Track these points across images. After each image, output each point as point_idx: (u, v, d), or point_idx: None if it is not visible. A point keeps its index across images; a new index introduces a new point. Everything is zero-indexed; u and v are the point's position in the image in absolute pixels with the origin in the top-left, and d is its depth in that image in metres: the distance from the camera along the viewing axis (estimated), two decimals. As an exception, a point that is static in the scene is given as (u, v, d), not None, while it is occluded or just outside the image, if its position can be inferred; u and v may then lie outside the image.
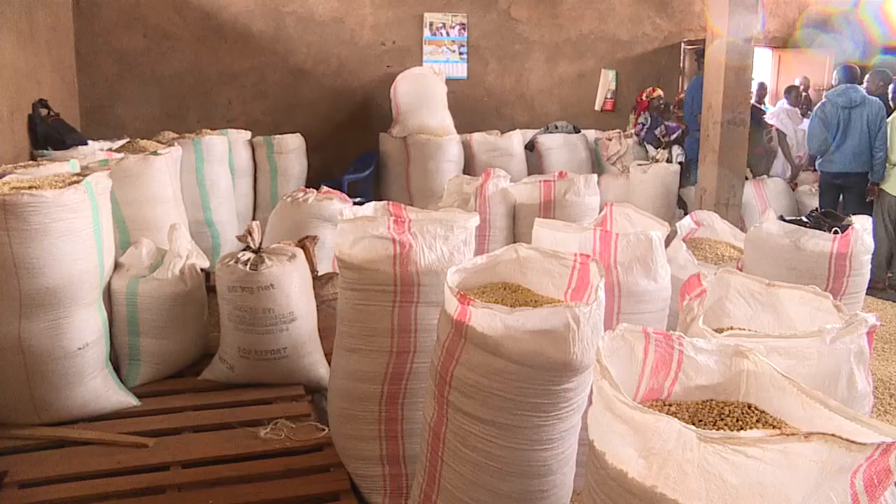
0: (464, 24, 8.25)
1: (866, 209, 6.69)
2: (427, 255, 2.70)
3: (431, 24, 8.16)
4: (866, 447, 1.18)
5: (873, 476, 1.23)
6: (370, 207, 3.13)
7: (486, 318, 2.04)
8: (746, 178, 7.27)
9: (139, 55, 7.48)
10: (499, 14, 8.40)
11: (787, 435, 1.18)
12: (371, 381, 2.82)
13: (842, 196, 6.89)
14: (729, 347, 1.65)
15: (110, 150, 5.29)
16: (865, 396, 1.91)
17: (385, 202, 3.19)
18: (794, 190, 7.77)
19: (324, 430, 3.27)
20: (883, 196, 6.69)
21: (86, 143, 5.70)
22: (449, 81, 7.83)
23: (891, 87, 7.23)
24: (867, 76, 7.80)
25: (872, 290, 6.37)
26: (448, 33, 8.21)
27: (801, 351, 1.82)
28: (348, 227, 2.76)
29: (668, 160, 7.74)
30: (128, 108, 7.46)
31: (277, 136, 7.00)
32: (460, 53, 8.27)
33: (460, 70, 8.29)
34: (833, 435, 1.18)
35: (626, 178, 7.47)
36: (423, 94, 7.49)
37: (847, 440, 1.17)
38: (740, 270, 3.61)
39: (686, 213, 5.78)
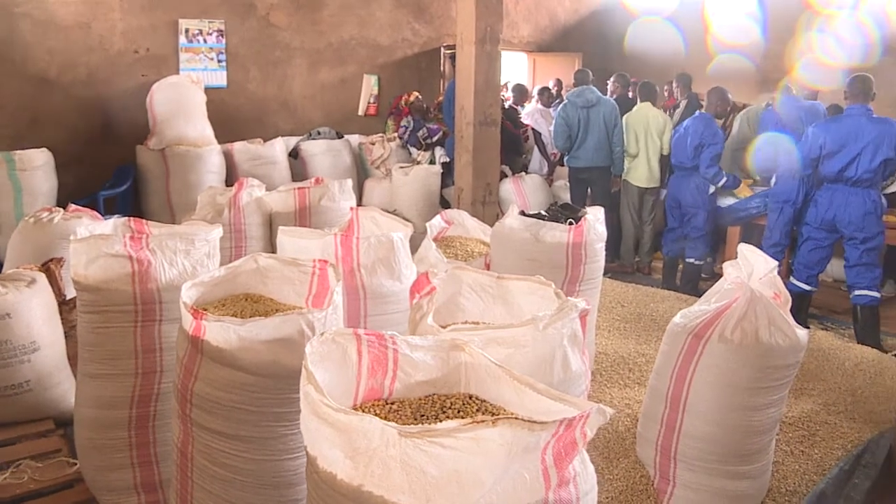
0: (221, 31, 8.03)
1: (612, 200, 7.26)
2: (168, 271, 2.64)
3: (187, 31, 7.87)
4: (548, 425, 1.28)
5: (561, 449, 1.33)
6: (108, 224, 3.01)
7: (220, 332, 2.02)
8: (505, 176, 7.65)
9: None
10: (258, 20, 8.26)
11: (477, 422, 1.25)
12: (118, 407, 2.71)
13: (590, 189, 7.40)
14: (445, 342, 1.72)
15: None
16: (581, 376, 2.06)
17: (126, 218, 3.08)
18: (550, 185, 8.22)
19: (75, 464, 3.09)
20: (626, 186, 7.30)
21: None
22: (208, 90, 7.58)
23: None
24: (611, 79, 8.46)
25: (622, 274, 6.92)
26: (205, 40, 7.96)
27: (517, 339, 1.93)
28: (81, 246, 2.64)
29: (431, 162, 7.98)
30: None
31: (20, 151, 6.46)
32: (219, 61, 8.04)
33: (219, 78, 8.05)
34: (517, 418, 1.27)
35: (390, 182, 7.62)
36: (181, 103, 7.20)
37: (529, 421, 1.26)
38: (489, 266, 3.80)
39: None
